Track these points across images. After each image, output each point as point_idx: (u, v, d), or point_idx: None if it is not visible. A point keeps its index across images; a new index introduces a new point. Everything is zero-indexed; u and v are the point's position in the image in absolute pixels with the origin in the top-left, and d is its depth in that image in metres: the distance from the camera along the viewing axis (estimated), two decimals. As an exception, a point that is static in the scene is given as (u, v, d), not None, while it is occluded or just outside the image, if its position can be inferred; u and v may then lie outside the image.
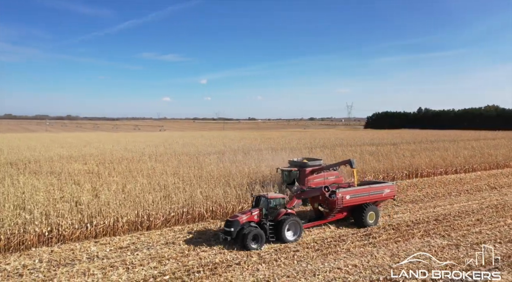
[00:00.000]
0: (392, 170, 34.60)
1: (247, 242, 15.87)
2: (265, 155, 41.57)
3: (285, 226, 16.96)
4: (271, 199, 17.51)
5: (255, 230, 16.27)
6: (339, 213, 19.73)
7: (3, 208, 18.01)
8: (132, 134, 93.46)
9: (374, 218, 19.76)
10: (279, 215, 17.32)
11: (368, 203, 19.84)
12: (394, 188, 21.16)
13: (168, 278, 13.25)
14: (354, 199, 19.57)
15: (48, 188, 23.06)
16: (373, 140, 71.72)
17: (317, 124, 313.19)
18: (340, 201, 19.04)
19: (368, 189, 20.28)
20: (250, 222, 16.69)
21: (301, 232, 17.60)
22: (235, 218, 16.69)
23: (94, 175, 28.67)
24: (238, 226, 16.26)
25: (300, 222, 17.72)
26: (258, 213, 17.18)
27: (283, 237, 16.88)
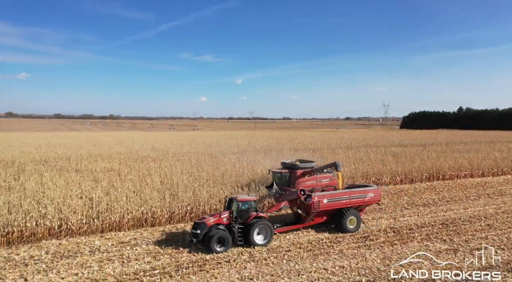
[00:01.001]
0: (411, 172, 33.78)
1: (212, 244, 15.82)
2: (285, 155, 41.79)
3: (254, 230, 16.67)
4: (241, 202, 17.31)
5: (221, 232, 16.13)
6: (318, 217, 19.21)
7: (24, 202, 19.54)
8: (164, 134, 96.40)
9: (355, 223, 19.06)
10: (249, 218, 17.03)
11: (349, 208, 19.21)
12: (379, 192, 20.39)
13: (157, 273, 13.97)
14: (332, 203, 18.96)
15: (68, 184, 24.59)
16: (403, 141, 69.80)
17: (352, 124, 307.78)
18: (316, 205, 18.45)
19: (349, 192, 19.61)
20: (218, 225, 16.54)
21: (272, 236, 17.20)
22: (202, 220, 16.57)
23: (115, 172, 30.11)
24: (205, 228, 16.13)
25: (271, 226, 17.28)
26: (227, 216, 17.00)
27: (251, 240, 16.60)
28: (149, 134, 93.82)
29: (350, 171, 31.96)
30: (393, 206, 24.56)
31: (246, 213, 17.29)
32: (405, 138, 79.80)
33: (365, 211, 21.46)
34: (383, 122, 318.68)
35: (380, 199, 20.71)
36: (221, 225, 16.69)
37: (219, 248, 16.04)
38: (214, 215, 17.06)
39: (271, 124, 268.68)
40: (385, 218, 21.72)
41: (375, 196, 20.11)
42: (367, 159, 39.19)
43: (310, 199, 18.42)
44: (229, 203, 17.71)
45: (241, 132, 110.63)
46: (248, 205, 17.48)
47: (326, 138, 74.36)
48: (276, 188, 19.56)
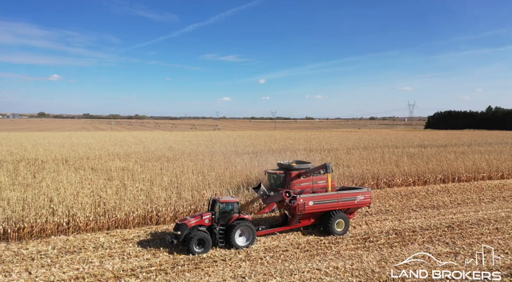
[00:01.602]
0: (424, 173, 33.15)
1: (191, 246, 15.76)
2: (298, 155, 41.80)
3: (235, 231, 16.52)
4: (223, 203, 17.18)
5: (201, 234, 16.01)
6: (305, 219, 18.92)
7: (38, 199, 20.49)
8: (184, 133, 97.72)
9: (343, 226, 18.74)
10: (231, 220, 16.88)
11: (337, 210, 18.88)
12: (369, 195, 19.85)
13: (153, 269, 14.43)
14: (318, 205, 18.63)
15: (81, 182, 25.52)
16: (423, 141, 68.37)
17: (376, 124, 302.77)
18: (301, 207, 18.13)
19: (337, 195, 19.25)
20: (199, 226, 16.49)
21: (254, 238, 17.00)
22: (183, 221, 16.51)
23: (128, 172, 30.98)
24: (186, 229, 16.09)
25: (253, 228, 17.04)
26: (209, 217, 16.91)
27: (232, 242, 16.46)
28: (169, 134, 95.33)
29: (362, 172, 31.69)
30: (400, 208, 24.26)
31: (228, 214, 17.11)
32: (427, 139, 78.06)
33: (355, 214, 21.18)
34: (409, 122, 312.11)
35: (370, 201, 20.17)
36: (203, 226, 16.61)
37: (199, 249, 15.92)
38: (196, 216, 17.00)
39: (292, 124, 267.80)
40: (390, 220, 21.51)
41: (365, 199, 19.60)
42: (381, 160, 38.72)
43: (295, 201, 18.16)
44: (213, 204, 17.53)
45: (260, 132, 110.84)
46: (230, 206, 17.28)
47: (344, 139, 73.66)
48: (263, 189, 19.38)
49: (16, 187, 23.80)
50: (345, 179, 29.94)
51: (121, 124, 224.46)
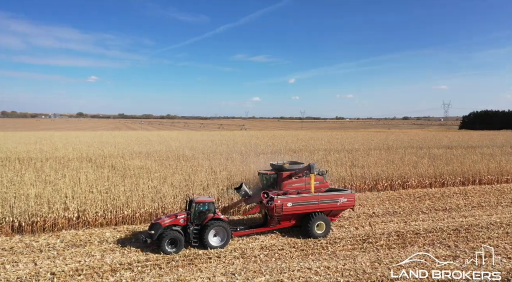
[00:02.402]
0: (442, 175, 32.24)
1: (163, 245, 15.97)
2: (315, 156, 41.67)
3: (209, 231, 16.60)
4: (198, 203, 17.30)
5: (173, 234, 16.17)
6: (286, 220, 18.72)
7: (53, 195, 21.69)
8: (209, 133, 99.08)
9: (324, 229, 18.44)
10: (206, 220, 16.96)
11: (318, 212, 18.59)
12: (353, 197, 19.40)
13: (149, 264, 15.03)
14: (298, 206, 18.36)
15: (98, 180, 26.70)
16: (452, 142, 66.10)
17: (409, 124, 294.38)
18: (279, 208, 17.92)
19: (317, 197, 18.91)
20: (174, 226, 16.65)
21: (229, 239, 17.02)
22: (158, 221, 16.70)
23: (145, 170, 32.02)
24: (159, 229, 16.27)
25: (228, 228, 16.98)
26: (184, 217, 17.06)
27: (205, 242, 16.56)
28: (195, 134, 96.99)
29: (376, 173, 31.25)
30: (410, 210, 23.81)
31: (203, 214, 17.20)
32: (457, 139, 75.35)
33: (339, 217, 20.84)
34: (444, 122, 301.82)
35: (354, 204, 19.67)
36: (178, 226, 16.75)
37: (171, 249, 16.09)
38: (170, 216, 17.21)
39: (321, 124, 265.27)
40: (395, 222, 21.21)
41: (348, 201, 19.21)
42: (400, 161, 37.93)
43: (272, 201, 18.10)
44: (189, 204, 17.67)
45: (285, 132, 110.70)
46: (206, 206, 17.36)
47: (369, 139, 72.36)
48: (244, 189, 19.26)
49: (38, 183, 25.24)
50: (357, 179, 29.69)
51: (152, 124, 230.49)
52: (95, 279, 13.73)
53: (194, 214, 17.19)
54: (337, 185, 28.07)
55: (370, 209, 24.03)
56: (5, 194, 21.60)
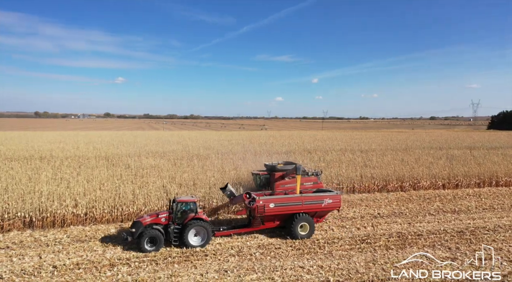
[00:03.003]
0: (457, 176, 31.45)
1: (141, 243, 16.20)
2: (328, 156, 41.47)
3: (189, 231, 16.76)
4: (180, 203, 17.48)
5: (152, 232, 16.37)
6: (270, 221, 18.66)
7: (65, 192, 22.58)
8: (229, 133, 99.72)
9: (308, 230, 18.31)
10: (187, 219, 17.13)
11: (301, 213, 18.46)
12: (338, 198, 19.20)
13: (147, 260, 15.51)
14: (280, 207, 18.28)
15: (111, 178, 27.55)
16: (476, 143, 64.18)
17: (435, 124, 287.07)
18: (261, 208, 17.93)
19: (301, 198, 18.79)
20: (155, 224, 16.86)
21: (209, 238, 17.13)
22: (139, 219, 16.94)
23: (157, 169, 32.75)
24: (140, 227, 16.49)
25: (209, 227, 17.09)
26: (166, 216, 17.22)
27: (185, 241, 16.71)
28: (214, 134, 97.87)
29: (387, 174, 30.84)
30: (417, 211, 23.44)
31: (185, 213, 17.37)
32: (481, 140, 73.05)
33: (325, 218, 20.66)
34: (473, 122, 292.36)
35: (340, 205, 19.44)
36: (159, 224, 16.94)
37: (150, 247, 16.33)
38: (152, 215, 17.44)
39: (344, 124, 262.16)
40: (399, 223, 20.97)
41: (333, 202, 19.05)
42: (415, 162, 37.27)
43: (254, 202, 18.14)
44: (173, 203, 17.93)
45: (305, 132, 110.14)
46: (187, 206, 17.53)
47: (388, 140, 71.18)
48: (230, 189, 19.14)
49: (52, 180, 26.28)
50: (367, 180, 29.42)
51: (175, 124, 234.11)
52: (93, 273, 14.29)
53: (175, 213, 17.37)
54: (333, 185, 27.95)
55: (376, 209, 23.80)
56: (20, 190, 22.68)
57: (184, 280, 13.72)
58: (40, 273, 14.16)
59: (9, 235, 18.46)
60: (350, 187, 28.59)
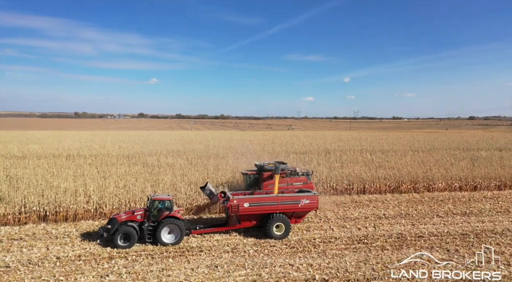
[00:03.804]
0: (474, 178, 30.41)
1: (115, 240, 16.62)
2: (344, 157, 41.13)
3: (162, 228, 17.08)
4: (155, 201, 17.82)
5: (126, 229, 16.77)
6: (247, 220, 18.71)
7: (80, 188, 23.83)
8: (254, 133, 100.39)
9: (283, 230, 18.23)
10: (161, 217, 17.42)
11: (277, 213, 18.39)
12: (316, 199, 19.08)
13: (144, 254, 16.19)
14: (255, 207, 18.32)
15: (126, 175, 28.69)
16: (508, 144, 61.34)
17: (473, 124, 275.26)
18: (235, 208, 18.07)
19: (277, 198, 18.77)
20: (130, 221, 17.25)
21: (183, 236, 17.37)
22: (115, 216, 17.44)
23: (173, 167, 33.70)
24: (116, 224, 16.95)
25: (182, 226, 17.31)
26: (142, 213, 17.62)
27: (158, 238, 17.06)
28: (240, 134, 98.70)
29: (400, 174, 30.30)
30: (424, 213, 22.97)
31: (160, 211, 17.73)
32: None
33: (304, 218, 20.49)
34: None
35: (317, 206, 19.28)
36: (134, 222, 17.34)
37: (123, 243, 16.73)
38: (127, 212, 17.99)
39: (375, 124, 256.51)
40: (403, 224, 20.68)
41: (310, 203, 18.93)
42: (435, 163, 36.30)
43: (228, 201, 18.30)
44: (148, 201, 18.31)
45: (331, 132, 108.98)
46: (162, 204, 17.90)
47: (414, 140, 69.34)
48: (209, 188, 19.34)
49: (71, 177, 27.72)
50: (378, 181, 29.03)
51: (204, 124, 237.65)
52: (92, 264, 15.12)
53: (150, 211, 17.77)
54: (343, 185, 27.93)
55: (383, 210, 23.51)
56: (41, 186, 24.13)
57: (174, 274, 14.27)
58: (43, 263, 15.13)
59: (24, 227, 19.73)
60: (361, 187, 28.33)
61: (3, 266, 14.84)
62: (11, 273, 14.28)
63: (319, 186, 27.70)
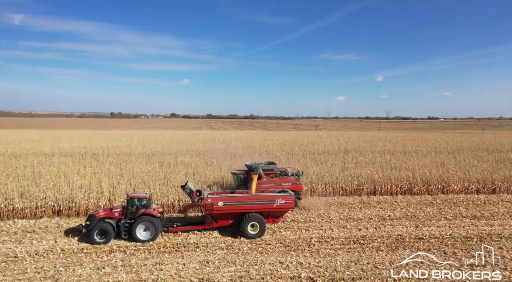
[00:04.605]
0: (494, 181, 29.28)
1: (91, 235, 17.23)
2: (360, 157, 40.60)
3: (137, 225, 17.56)
4: (132, 198, 18.33)
5: (103, 225, 17.33)
6: (223, 219, 18.80)
7: (95, 185, 25.02)
8: (278, 133, 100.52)
9: (258, 230, 18.27)
10: (137, 214, 17.93)
11: (251, 213, 18.45)
12: (291, 199, 18.98)
13: (142, 248, 16.88)
14: (230, 206, 18.45)
15: (140, 174, 29.76)
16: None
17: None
18: (209, 206, 18.25)
19: (251, 197, 18.83)
20: (108, 218, 17.86)
21: (158, 233, 17.75)
22: (94, 213, 18.13)
23: (188, 166, 34.54)
24: (94, 220, 17.59)
25: (156, 223, 17.71)
26: (120, 211, 18.25)
27: (133, 235, 17.54)
28: (265, 134, 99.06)
29: (413, 176, 29.66)
30: (432, 216, 22.44)
31: (137, 209, 18.23)
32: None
33: (282, 218, 20.36)
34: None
35: (293, 206, 19.17)
36: (112, 218, 17.97)
37: (100, 239, 17.31)
38: (106, 209, 18.71)
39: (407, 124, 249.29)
40: (406, 226, 20.35)
41: (286, 203, 18.88)
42: (455, 165, 35.20)
43: (202, 200, 18.54)
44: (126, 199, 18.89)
45: (357, 132, 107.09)
46: (139, 201, 18.34)
47: (442, 141, 67.27)
48: (189, 187, 19.75)
49: (92, 175, 29.08)
50: (390, 182, 28.54)
51: (232, 124, 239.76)
52: (92, 257, 15.96)
53: (128, 208, 18.33)
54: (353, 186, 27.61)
55: (389, 212, 23.17)
56: (59, 182, 25.53)
57: (167, 268, 14.84)
58: (48, 255, 16.12)
59: (39, 221, 20.97)
60: (371, 188, 27.97)
61: (12, 256, 15.93)
62: (18, 262, 15.32)
63: (328, 187, 27.64)
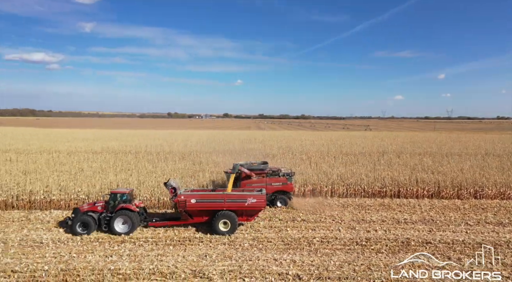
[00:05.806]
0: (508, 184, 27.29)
1: (73, 227, 18.57)
2: (395, 159, 39.34)
3: (115, 219, 18.68)
4: (113, 193, 19.47)
5: (85, 218, 18.60)
6: (198, 216, 19.41)
7: (125, 181, 26.90)
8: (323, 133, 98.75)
9: (229, 227, 18.76)
10: (116, 209, 18.99)
11: (223, 210, 18.89)
12: (263, 199, 19.35)
13: (150, 240, 18.04)
14: (202, 203, 19.11)
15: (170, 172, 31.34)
16: None
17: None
18: (182, 203, 18.94)
19: (223, 195, 19.31)
20: (91, 212, 19.08)
21: (135, 227, 18.79)
22: (78, 207, 19.49)
23: (216, 165, 35.62)
24: (78, 213, 18.88)
25: (134, 217, 18.72)
26: (102, 205, 19.48)
27: (112, 228, 18.68)
28: (309, 134, 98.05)
29: (442, 179, 28.39)
30: (451, 221, 21.48)
31: (117, 203, 19.31)
32: None
33: (256, 217, 20.42)
34: None
35: (264, 205, 19.53)
36: (95, 212, 19.20)
37: (82, 231, 18.63)
38: (89, 203, 19.98)
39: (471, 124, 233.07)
40: (420, 230, 19.76)
41: (258, 202, 19.19)
42: (495, 169, 33.01)
43: (176, 197, 19.26)
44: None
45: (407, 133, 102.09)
46: (121, 197, 19.44)
47: (495, 142, 62.71)
48: (171, 184, 20.12)
49: (126, 171, 31.19)
50: (416, 185, 27.59)
51: (281, 124, 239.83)
52: (105, 246, 17.40)
53: (109, 203, 19.52)
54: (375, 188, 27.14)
55: (406, 215, 22.51)
56: (95, 178, 27.79)
57: (167, 259, 15.81)
58: (68, 242, 17.82)
59: (71, 212, 22.94)
60: (395, 191, 27.20)
61: (38, 242, 17.80)
62: (41, 248, 17.11)
63: (350, 188, 27.35)
